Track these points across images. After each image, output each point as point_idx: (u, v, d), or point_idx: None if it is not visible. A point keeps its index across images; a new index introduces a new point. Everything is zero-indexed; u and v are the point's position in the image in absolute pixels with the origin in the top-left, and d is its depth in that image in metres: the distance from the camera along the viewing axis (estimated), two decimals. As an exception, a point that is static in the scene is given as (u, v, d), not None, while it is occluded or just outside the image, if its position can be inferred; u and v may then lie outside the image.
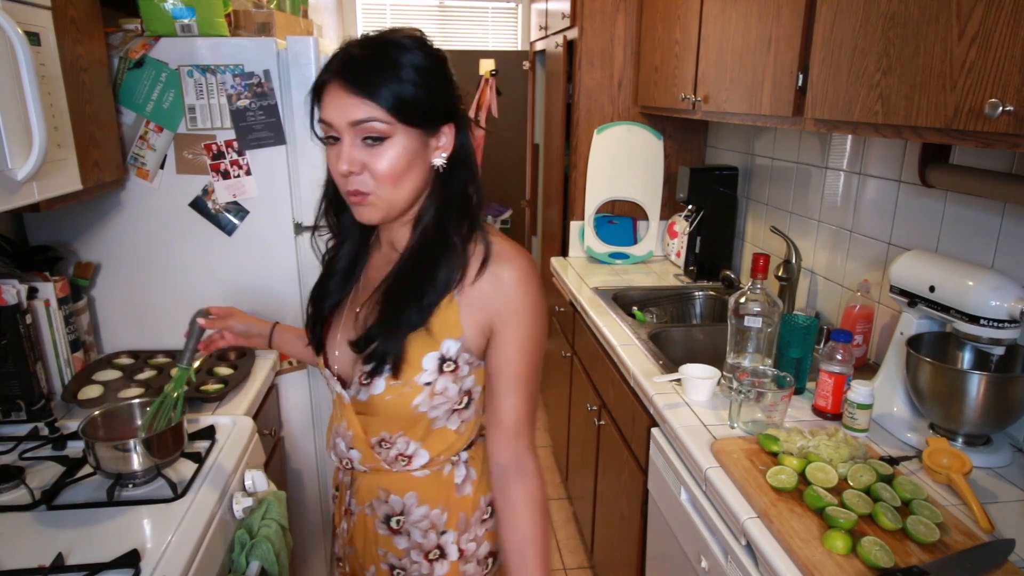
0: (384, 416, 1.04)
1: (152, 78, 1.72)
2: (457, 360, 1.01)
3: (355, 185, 0.94)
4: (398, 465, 1.08)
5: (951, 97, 1.05)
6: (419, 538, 1.10)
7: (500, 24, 4.23)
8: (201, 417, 1.55)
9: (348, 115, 0.91)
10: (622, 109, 2.81)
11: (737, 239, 2.59)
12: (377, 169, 0.93)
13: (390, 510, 1.10)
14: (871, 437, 1.42)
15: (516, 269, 0.99)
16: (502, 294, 0.98)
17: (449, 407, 1.05)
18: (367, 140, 0.92)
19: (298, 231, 1.91)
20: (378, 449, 1.07)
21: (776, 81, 1.59)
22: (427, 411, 1.03)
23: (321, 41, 1.87)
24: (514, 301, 0.99)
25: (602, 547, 2.24)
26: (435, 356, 1.00)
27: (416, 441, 1.06)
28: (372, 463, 1.08)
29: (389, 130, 0.91)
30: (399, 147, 0.92)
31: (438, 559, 1.11)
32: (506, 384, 1.02)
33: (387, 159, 0.92)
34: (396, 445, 1.06)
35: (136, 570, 1.05)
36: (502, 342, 1.00)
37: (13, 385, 1.49)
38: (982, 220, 1.44)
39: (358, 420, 1.06)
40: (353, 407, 1.06)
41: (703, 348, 2.07)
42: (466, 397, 1.06)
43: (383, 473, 1.09)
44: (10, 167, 1.12)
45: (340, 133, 0.92)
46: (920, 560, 1.01)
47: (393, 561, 1.12)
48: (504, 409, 1.02)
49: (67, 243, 1.82)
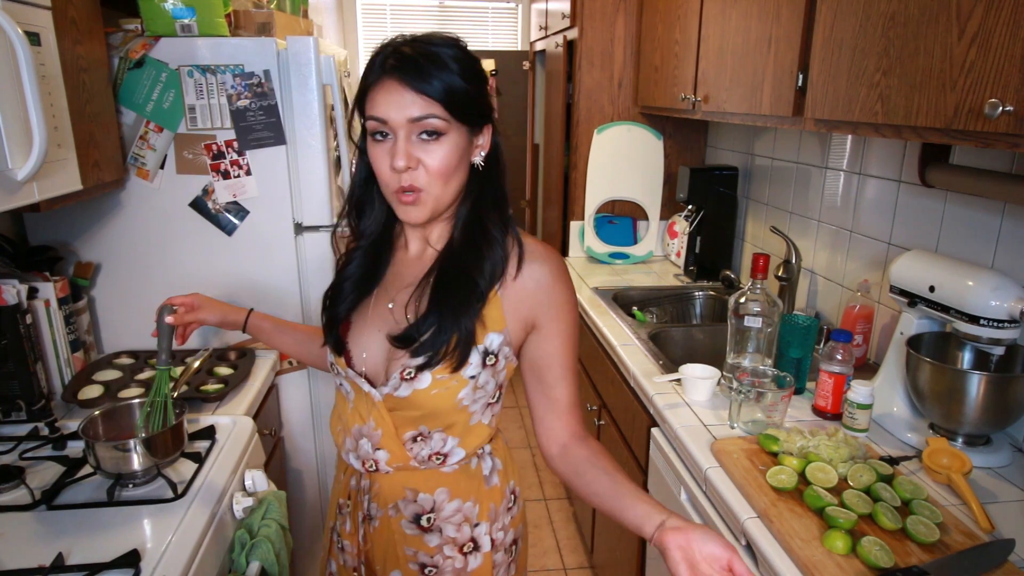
0: (426, 411, 1.04)
1: (152, 78, 1.72)
2: (498, 354, 1.04)
3: (409, 180, 0.95)
4: (430, 463, 1.08)
5: (951, 97, 1.05)
6: (452, 533, 1.10)
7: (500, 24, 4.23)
8: (201, 417, 1.55)
9: (407, 111, 0.92)
10: (622, 109, 2.81)
11: (737, 239, 2.59)
12: (431, 165, 0.95)
13: (419, 509, 1.09)
14: (871, 437, 1.42)
15: (553, 266, 1.03)
16: (543, 290, 1.02)
17: (486, 401, 1.07)
18: (423, 136, 0.94)
19: (298, 231, 1.91)
20: (411, 446, 1.07)
21: (776, 81, 1.59)
22: (469, 404, 1.05)
23: (321, 41, 1.87)
24: (556, 297, 1.03)
25: (602, 547, 2.24)
26: (480, 349, 1.02)
27: (454, 437, 1.07)
28: (401, 462, 1.07)
29: (446, 126, 0.94)
30: (452, 143, 0.95)
31: (472, 552, 1.11)
32: (558, 374, 1.06)
33: (441, 155, 0.94)
34: (432, 442, 1.06)
35: (136, 570, 1.05)
36: (548, 336, 1.04)
37: (13, 385, 1.49)
38: (982, 220, 1.44)
39: (390, 417, 1.05)
40: (386, 404, 1.05)
41: (703, 348, 2.07)
42: (498, 391, 1.09)
43: (409, 472, 1.08)
44: (10, 167, 1.12)
45: (395, 130, 0.93)
46: (920, 560, 1.01)
47: (424, 560, 1.11)
48: (558, 397, 1.07)
49: (67, 243, 1.82)
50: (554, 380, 1.06)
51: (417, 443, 1.06)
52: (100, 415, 1.34)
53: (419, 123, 0.93)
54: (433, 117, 0.92)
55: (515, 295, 1.02)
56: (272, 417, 1.89)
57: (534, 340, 1.05)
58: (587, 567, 2.53)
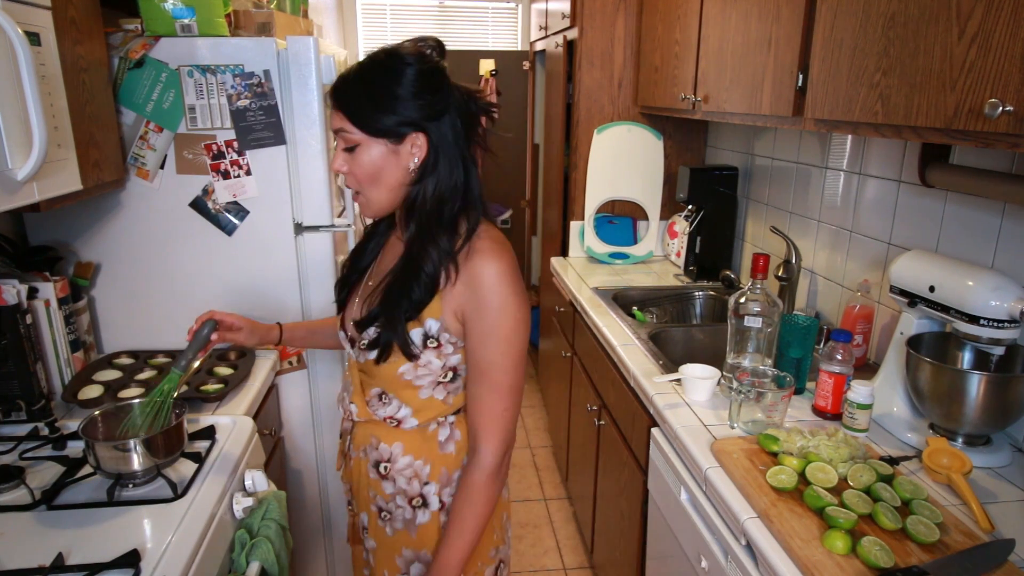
0: (378, 378, 1.17)
1: (152, 78, 1.72)
2: (439, 338, 1.12)
3: (347, 183, 1.12)
4: (388, 424, 1.20)
5: (951, 97, 1.05)
6: (403, 485, 1.20)
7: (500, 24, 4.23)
8: (201, 417, 1.55)
9: (332, 124, 1.09)
10: (622, 109, 2.81)
11: (737, 239, 2.59)
12: (352, 171, 1.09)
13: (379, 456, 1.21)
14: (871, 437, 1.42)
15: (491, 269, 1.08)
16: (471, 288, 1.08)
17: (433, 379, 1.15)
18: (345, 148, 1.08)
19: (298, 231, 1.91)
20: (375, 404, 1.20)
21: (776, 81, 1.59)
22: (412, 379, 1.14)
23: (321, 41, 1.87)
24: (482, 298, 1.08)
25: (602, 547, 2.24)
26: (420, 332, 1.11)
27: (407, 407, 1.17)
28: (366, 416, 1.21)
29: (357, 139, 1.07)
30: (367, 154, 1.07)
31: (420, 507, 1.20)
32: (472, 372, 1.13)
33: (358, 163, 1.08)
34: (390, 407, 1.18)
35: (136, 570, 1.05)
36: (468, 332, 1.11)
37: (13, 385, 1.49)
38: (982, 220, 1.44)
39: (359, 377, 1.21)
40: (356, 366, 1.22)
41: (703, 348, 2.07)
42: (451, 372, 1.16)
43: (375, 424, 1.21)
44: (10, 167, 1.12)
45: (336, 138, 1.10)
46: (920, 560, 1.01)
47: (381, 504, 1.23)
48: (470, 396, 1.15)
49: (67, 243, 1.82)
50: (469, 379, 1.14)
51: (381, 403, 1.19)
52: (100, 415, 1.34)
53: (339, 135, 1.08)
54: (343, 132, 1.07)
55: (453, 288, 1.09)
56: (272, 417, 1.89)
57: (466, 335, 1.12)
58: (587, 567, 2.53)
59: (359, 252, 1.27)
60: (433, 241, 1.08)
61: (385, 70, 1.04)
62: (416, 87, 1.04)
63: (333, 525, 2.17)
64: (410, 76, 1.03)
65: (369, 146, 1.06)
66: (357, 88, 1.05)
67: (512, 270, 1.10)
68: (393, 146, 1.06)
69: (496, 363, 1.10)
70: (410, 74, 1.03)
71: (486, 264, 1.08)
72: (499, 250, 1.10)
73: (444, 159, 1.08)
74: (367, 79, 1.05)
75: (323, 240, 1.93)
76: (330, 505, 2.15)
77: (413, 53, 1.05)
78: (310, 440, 2.07)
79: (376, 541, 1.25)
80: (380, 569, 1.26)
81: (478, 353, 1.10)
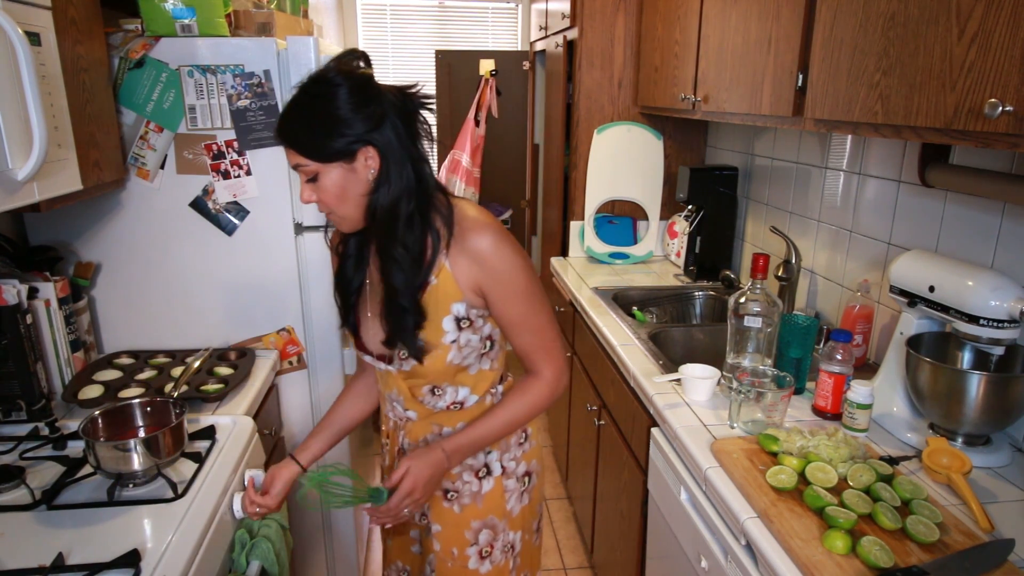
0: (429, 377, 1.24)
1: (152, 78, 1.72)
2: (469, 316, 1.20)
3: (321, 210, 1.15)
4: (450, 410, 1.28)
5: (951, 97, 1.05)
6: (470, 460, 1.30)
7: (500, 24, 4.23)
8: (201, 417, 1.56)
9: (289, 161, 1.12)
10: (622, 109, 2.81)
11: (737, 239, 2.59)
12: (321, 199, 1.12)
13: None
14: (871, 437, 1.42)
15: (486, 239, 1.15)
16: (478, 263, 1.16)
17: (476, 353, 1.24)
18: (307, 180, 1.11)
19: (298, 231, 1.91)
20: (429, 399, 1.27)
21: (776, 81, 1.59)
22: (460, 362, 1.23)
23: (321, 41, 1.87)
24: (490, 267, 1.16)
25: (602, 547, 2.24)
26: (451, 318, 1.19)
27: (464, 387, 1.27)
28: (425, 413, 1.29)
29: (314, 169, 1.09)
30: (329, 180, 1.10)
31: (485, 476, 1.32)
32: (509, 330, 1.23)
33: (323, 190, 1.11)
34: (446, 395, 1.27)
35: (136, 570, 1.05)
36: (493, 301, 1.19)
37: (13, 385, 1.49)
38: (982, 220, 1.44)
39: (407, 385, 1.27)
40: (401, 376, 1.26)
41: (703, 348, 2.07)
42: (488, 341, 1.26)
43: (434, 414, 1.29)
44: (10, 167, 1.12)
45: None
46: (920, 560, 1.01)
47: (447, 485, 1.31)
48: (515, 348, 1.26)
49: (67, 243, 1.82)
50: (509, 335, 1.24)
51: (435, 395, 1.27)
52: (100, 415, 1.34)
53: (297, 170, 1.11)
54: (300, 166, 1.10)
55: (460, 267, 1.16)
56: (272, 417, 1.89)
57: (489, 303, 1.20)
58: (587, 567, 2.53)
59: (344, 279, 1.27)
60: (397, 246, 1.12)
61: (319, 97, 1.07)
62: (352, 104, 1.06)
63: (333, 525, 2.17)
64: (343, 96, 1.06)
65: (328, 172, 1.09)
66: (299, 122, 1.08)
67: (500, 229, 1.18)
68: (349, 164, 1.09)
69: (526, 313, 1.20)
70: (343, 94, 1.06)
71: (481, 237, 1.15)
72: (482, 219, 1.18)
73: (394, 165, 1.11)
74: (305, 110, 1.08)
75: (323, 240, 1.93)
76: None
77: (341, 72, 1.07)
78: (310, 440, 2.07)
79: (442, 523, 1.33)
80: (448, 548, 1.33)
81: (509, 313, 1.20)
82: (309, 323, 1.98)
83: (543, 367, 1.25)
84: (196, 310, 1.91)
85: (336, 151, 1.08)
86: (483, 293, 1.18)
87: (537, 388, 1.26)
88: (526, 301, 1.20)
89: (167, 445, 1.29)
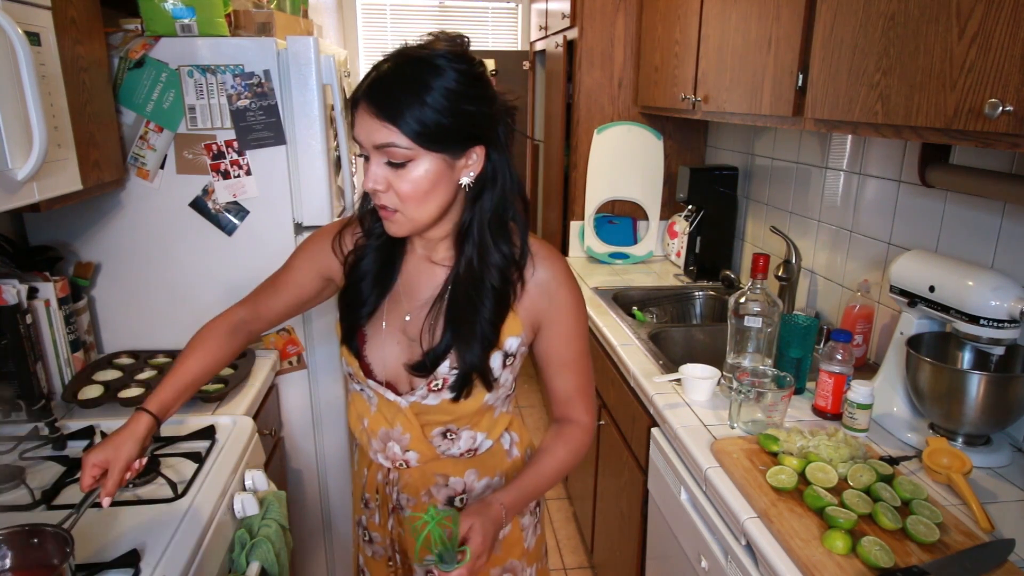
0: (455, 416, 1.10)
1: (152, 78, 1.72)
2: (516, 354, 1.09)
3: (382, 201, 0.97)
4: (461, 458, 1.15)
5: (951, 97, 1.05)
6: None
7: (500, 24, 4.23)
8: (201, 417, 1.55)
9: (372, 138, 0.93)
10: (622, 109, 2.81)
11: (737, 239, 2.59)
12: (400, 190, 0.95)
13: (452, 491, 1.16)
14: (871, 437, 1.42)
15: (558, 271, 1.07)
16: (547, 296, 1.07)
17: (506, 394, 1.14)
18: (390, 162, 0.94)
19: (298, 231, 1.91)
20: (439, 442, 1.12)
21: (776, 81, 1.59)
22: (492, 403, 1.11)
23: (321, 41, 1.87)
24: (559, 301, 1.07)
25: (602, 547, 2.24)
26: (500, 355, 1.07)
27: (482, 432, 1.14)
28: (431, 457, 1.13)
29: (411, 155, 0.93)
30: (422, 170, 0.94)
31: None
32: (556, 369, 1.12)
33: (409, 181, 0.94)
34: (461, 441, 1.13)
35: (136, 570, 1.05)
36: (548, 336, 1.10)
37: (13, 385, 1.49)
38: (982, 220, 1.44)
39: (418, 421, 1.10)
40: (412, 411, 1.09)
41: (703, 348, 2.07)
42: (514, 383, 1.15)
43: (437, 462, 1.14)
44: (10, 167, 1.12)
45: (368, 152, 0.95)
46: (920, 560, 1.01)
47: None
48: (555, 389, 1.15)
49: (67, 243, 1.82)
50: (553, 373, 1.14)
51: (446, 440, 1.12)
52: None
53: (383, 151, 0.93)
54: (395, 147, 0.92)
55: (526, 301, 1.06)
56: (272, 417, 1.89)
57: (538, 338, 1.11)
58: (587, 567, 2.53)
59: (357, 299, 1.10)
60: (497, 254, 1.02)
61: (441, 77, 0.91)
62: (475, 95, 0.94)
63: (333, 525, 2.17)
64: (466, 83, 0.92)
65: (424, 161, 0.93)
66: (411, 98, 0.90)
67: (568, 265, 1.11)
68: (451, 160, 0.95)
69: (579, 353, 1.12)
70: (466, 82, 0.92)
71: (554, 265, 1.07)
72: (550, 247, 1.10)
73: (501, 167, 1.00)
74: (421, 88, 0.90)
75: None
76: (330, 505, 2.15)
77: (464, 58, 0.94)
78: (310, 440, 2.07)
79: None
80: None
81: (562, 352, 1.11)
82: (309, 323, 1.98)
83: (582, 414, 1.15)
84: (196, 310, 1.90)
85: (449, 141, 0.93)
86: (539, 328, 1.09)
87: (580, 437, 1.14)
88: (582, 341, 1.12)
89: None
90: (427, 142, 0.92)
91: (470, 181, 0.99)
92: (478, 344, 1.03)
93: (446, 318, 1.04)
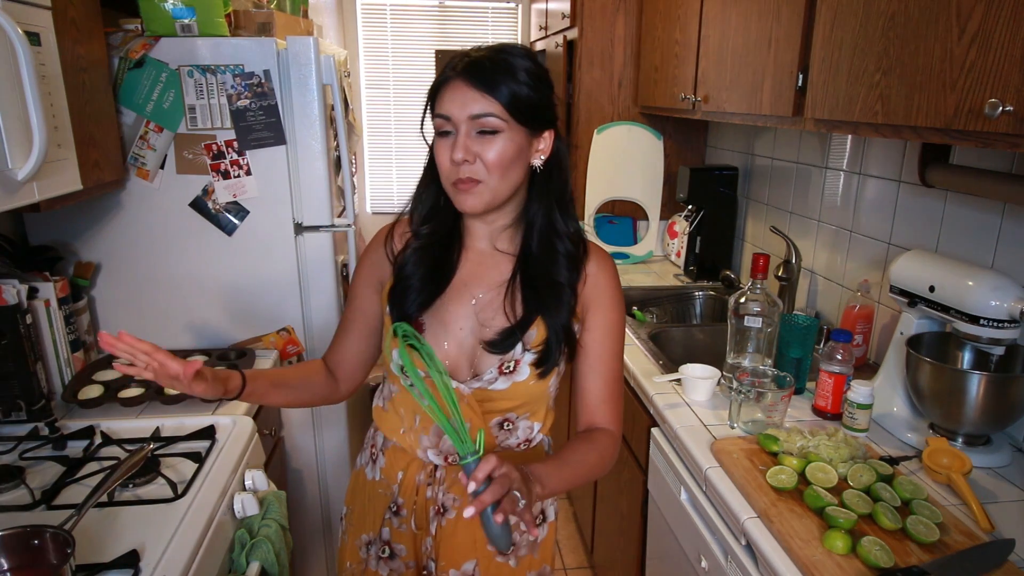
0: (519, 401, 1.10)
1: (152, 78, 1.72)
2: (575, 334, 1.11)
3: (467, 173, 1.01)
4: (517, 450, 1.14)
5: (951, 97, 1.05)
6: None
7: (500, 24, 4.22)
8: (201, 417, 1.55)
9: (468, 109, 0.99)
10: (622, 109, 2.81)
11: (737, 239, 2.59)
12: (488, 158, 1.00)
13: None
14: (871, 437, 1.42)
15: (605, 265, 1.12)
16: (596, 286, 1.10)
17: (556, 386, 1.14)
18: (481, 133, 1.00)
19: (298, 231, 1.91)
20: (497, 432, 1.12)
21: (776, 81, 1.59)
22: (552, 391, 1.14)
23: (321, 41, 1.87)
24: (603, 293, 1.11)
25: (602, 547, 2.24)
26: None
27: (538, 423, 1.15)
28: (489, 448, 1.11)
29: (503, 125, 1.00)
30: (508, 141, 1.01)
31: (541, 523, 1.19)
32: (591, 365, 1.12)
33: (497, 149, 1.01)
34: (519, 431, 1.13)
35: (136, 570, 1.05)
36: (590, 327, 1.11)
37: (13, 385, 1.49)
38: (982, 220, 1.44)
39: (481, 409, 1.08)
40: (475, 397, 1.08)
41: (703, 348, 2.07)
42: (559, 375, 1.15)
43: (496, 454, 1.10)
44: (10, 167, 1.12)
45: (456, 125, 1.00)
46: (920, 560, 1.01)
47: None
48: (587, 389, 1.13)
49: (67, 243, 1.82)
50: (587, 370, 1.13)
51: (503, 430, 1.12)
52: None
53: (478, 120, 0.99)
54: (491, 116, 0.99)
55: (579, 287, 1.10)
56: (272, 417, 1.89)
57: (585, 331, 1.12)
58: (587, 567, 2.53)
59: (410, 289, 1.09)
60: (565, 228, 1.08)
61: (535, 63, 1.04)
62: (548, 81, 1.06)
63: (333, 525, 2.17)
64: (542, 71, 1.05)
65: (512, 134, 1.01)
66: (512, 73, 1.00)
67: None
68: (532, 137, 1.05)
69: (615, 354, 1.13)
70: (541, 69, 1.05)
71: (604, 259, 1.12)
72: (598, 246, 1.14)
73: (564, 156, 1.09)
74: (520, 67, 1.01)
75: (323, 240, 1.93)
76: (330, 505, 2.15)
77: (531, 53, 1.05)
78: (310, 440, 2.07)
79: None
80: None
81: (599, 346, 1.11)
82: (309, 323, 1.98)
83: (611, 422, 1.12)
84: (196, 310, 1.91)
85: (533, 117, 1.03)
86: (584, 318, 1.11)
87: (609, 445, 1.11)
88: (619, 343, 1.13)
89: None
90: (518, 114, 1.00)
91: (540, 164, 1.07)
92: (565, 309, 1.07)
93: (526, 291, 1.08)
